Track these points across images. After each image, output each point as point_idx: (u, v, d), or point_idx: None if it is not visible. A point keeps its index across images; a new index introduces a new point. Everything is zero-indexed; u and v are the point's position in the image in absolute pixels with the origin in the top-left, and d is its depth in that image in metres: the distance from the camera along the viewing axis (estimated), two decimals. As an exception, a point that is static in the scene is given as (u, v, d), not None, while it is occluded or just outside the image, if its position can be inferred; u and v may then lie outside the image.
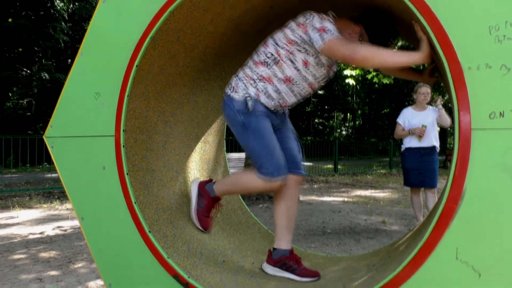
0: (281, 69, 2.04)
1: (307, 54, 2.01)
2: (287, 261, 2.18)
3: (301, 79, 2.07)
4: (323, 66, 2.07)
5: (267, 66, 2.06)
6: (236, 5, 2.23)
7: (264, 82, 2.07)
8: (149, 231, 2.02)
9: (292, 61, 2.03)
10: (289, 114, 2.42)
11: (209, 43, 2.44)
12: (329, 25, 1.93)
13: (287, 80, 2.06)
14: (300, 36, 1.98)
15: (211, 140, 2.99)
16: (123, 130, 2.09)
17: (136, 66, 2.06)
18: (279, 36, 2.06)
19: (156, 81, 2.33)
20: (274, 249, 2.24)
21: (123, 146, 2.08)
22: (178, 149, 2.68)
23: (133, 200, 2.05)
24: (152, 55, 2.16)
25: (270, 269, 2.21)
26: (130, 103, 2.13)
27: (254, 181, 2.10)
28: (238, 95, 2.09)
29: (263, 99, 2.08)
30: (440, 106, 4.65)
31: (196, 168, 2.83)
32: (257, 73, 2.08)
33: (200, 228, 2.37)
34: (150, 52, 2.13)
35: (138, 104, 2.25)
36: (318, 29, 1.92)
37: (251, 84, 2.08)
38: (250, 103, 2.06)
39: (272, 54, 2.05)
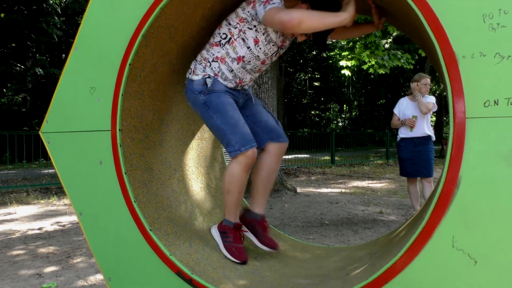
0: (233, 48, 2.12)
1: (257, 31, 2.09)
2: (255, 224, 2.30)
3: (253, 58, 2.15)
4: (272, 42, 2.14)
5: (221, 46, 2.14)
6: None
7: (218, 62, 2.14)
8: (150, 230, 2.02)
9: (243, 40, 2.11)
10: (253, 91, 2.48)
11: (202, 40, 2.43)
12: None
13: (240, 59, 2.13)
14: (249, 12, 2.06)
15: (207, 136, 2.99)
16: (119, 130, 2.08)
17: (129, 64, 2.05)
18: (231, 16, 2.14)
19: (150, 80, 2.32)
20: (249, 210, 2.35)
21: (120, 146, 2.07)
22: (175, 147, 2.68)
23: (132, 199, 2.04)
24: (145, 53, 2.15)
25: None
26: (125, 102, 2.12)
27: (232, 170, 2.14)
28: (197, 76, 2.16)
29: (220, 79, 2.16)
30: (417, 93, 4.63)
31: (194, 165, 2.83)
32: (212, 54, 2.16)
33: (239, 261, 2.19)
34: (142, 50, 2.12)
35: (133, 103, 2.24)
36: (263, 2, 1.99)
37: (207, 65, 2.16)
38: (208, 81, 2.13)
39: (226, 34, 2.13)
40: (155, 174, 2.43)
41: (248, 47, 2.11)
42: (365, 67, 9.88)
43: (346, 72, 10.70)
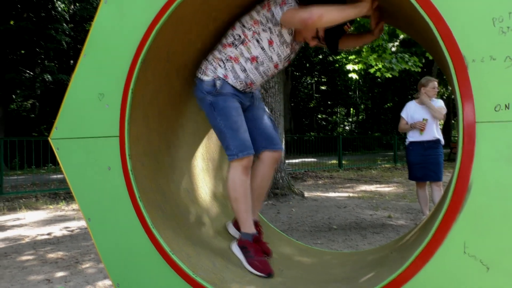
0: (248, 49, 2.16)
1: (271, 33, 2.13)
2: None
3: (266, 59, 2.18)
4: (286, 44, 2.18)
5: (234, 47, 2.18)
6: (218, 17, 2.25)
7: (231, 62, 2.18)
8: (172, 253, 1.98)
9: (258, 41, 2.15)
10: (260, 96, 2.51)
11: (199, 60, 2.44)
12: None
13: (253, 60, 2.17)
14: (264, 15, 2.10)
15: (216, 157, 3.00)
16: (129, 156, 2.07)
17: (132, 91, 2.06)
18: (245, 18, 2.18)
19: (153, 105, 2.35)
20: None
21: (131, 171, 2.06)
22: (186, 169, 2.69)
23: (150, 225, 2.02)
24: (146, 76, 2.16)
25: (232, 230, 2.45)
26: (132, 129, 2.12)
27: (232, 176, 2.20)
28: (207, 77, 2.20)
29: (231, 80, 2.19)
30: (426, 101, 4.60)
31: (206, 185, 2.83)
32: (225, 54, 2.19)
33: (265, 275, 2.13)
34: (143, 74, 2.13)
35: (140, 129, 2.25)
36: (279, 3, 2.05)
37: (219, 65, 2.19)
38: (218, 83, 2.17)
39: (239, 35, 2.17)
40: (168, 196, 2.43)
41: (262, 48, 2.15)
42: (372, 70, 9.85)
43: (353, 76, 10.68)
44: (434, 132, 4.62)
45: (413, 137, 4.70)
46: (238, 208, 2.22)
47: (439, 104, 4.64)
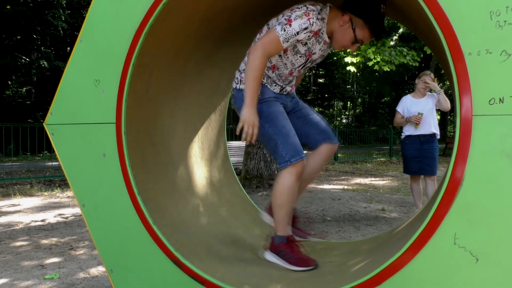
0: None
1: None
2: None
3: (282, 66, 2.16)
4: (299, 54, 2.12)
5: None
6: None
7: None
8: (165, 239, 2.00)
9: None
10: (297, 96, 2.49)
11: (201, 50, 2.43)
12: (295, 22, 1.96)
13: (274, 68, 2.16)
14: None
15: (213, 144, 3.01)
16: (125, 143, 2.07)
17: (129, 77, 2.06)
18: (265, 27, 2.15)
19: (150, 91, 2.35)
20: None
21: (127, 158, 2.07)
22: (182, 155, 2.73)
23: (151, 221, 2.03)
24: (144, 62, 2.15)
25: (266, 218, 2.35)
26: (128, 115, 2.12)
27: (283, 181, 2.10)
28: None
29: (268, 84, 2.17)
30: (439, 90, 4.63)
31: (202, 172, 2.86)
32: None
33: (311, 267, 2.08)
34: (141, 61, 2.11)
35: (136, 116, 2.25)
36: (280, 22, 2.00)
37: None
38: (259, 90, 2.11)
39: None
40: (163, 183, 2.45)
41: (279, 55, 2.12)
42: (370, 63, 9.84)
43: (352, 69, 10.67)
44: (431, 126, 4.63)
45: (409, 131, 4.71)
46: (281, 214, 2.14)
47: (434, 98, 4.66)
